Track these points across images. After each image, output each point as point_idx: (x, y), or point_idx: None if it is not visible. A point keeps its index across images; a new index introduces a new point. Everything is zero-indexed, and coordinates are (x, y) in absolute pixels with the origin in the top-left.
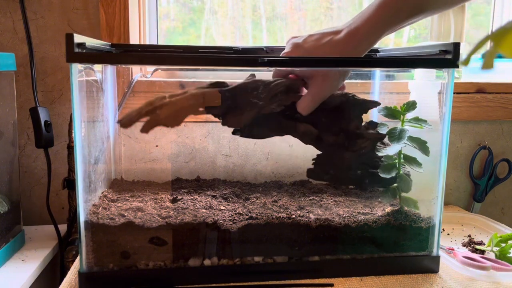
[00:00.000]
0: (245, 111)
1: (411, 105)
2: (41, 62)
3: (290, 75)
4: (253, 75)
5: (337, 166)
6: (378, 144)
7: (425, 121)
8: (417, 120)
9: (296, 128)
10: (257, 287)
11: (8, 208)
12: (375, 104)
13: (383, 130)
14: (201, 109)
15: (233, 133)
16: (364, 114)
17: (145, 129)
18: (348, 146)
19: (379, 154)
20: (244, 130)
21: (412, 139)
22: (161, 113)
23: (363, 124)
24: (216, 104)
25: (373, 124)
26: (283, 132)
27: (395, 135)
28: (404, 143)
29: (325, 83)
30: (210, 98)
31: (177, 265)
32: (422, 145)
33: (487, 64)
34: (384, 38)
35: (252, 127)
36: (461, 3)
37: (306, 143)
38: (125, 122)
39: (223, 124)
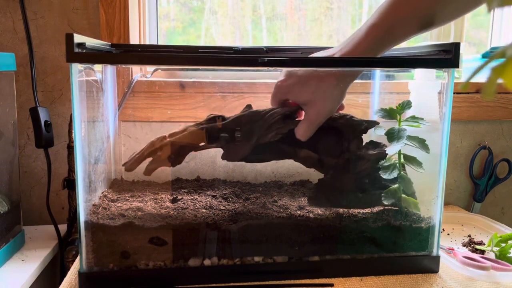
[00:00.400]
0: (244, 143)
1: (406, 104)
2: (41, 62)
3: (288, 101)
4: (249, 106)
5: (340, 189)
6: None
7: (421, 118)
8: (413, 118)
9: (296, 154)
10: (257, 287)
11: (8, 208)
12: (373, 123)
13: (379, 132)
14: (201, 144)
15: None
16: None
17: (148, 172)
18: (349, 168)
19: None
20: (246, 157)
21: (410, 138)
22: (162, 153)
23: (363, 144)
24: (216, 138)
25: (373, 144)
26: (284, 157)
27: (394, 135)
28: (403, 142)
29: (321, 108)
30: (209, 133)
31: (177, 265)
32: (421, 143)
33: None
34: None
35: (253, 155)
36: (461, 15)
37: (308, 167)
38: (129, 166)
39: (223, 158)
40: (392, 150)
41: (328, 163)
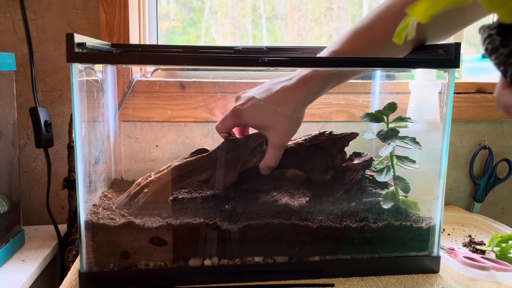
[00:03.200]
0: (229, 171)
1: (391, 106)
2: (41, 62)
3: (234, 128)
4: (230, 135)
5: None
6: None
7: (408, 118)
8: (400, 119)
9: (284, 175)
10: (257, 287)
11: (8, 208)
12: (353, 135)
13: (368, 136)
14: (188, 178)
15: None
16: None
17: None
18: (338, 181)
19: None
20: (238, 188)
21: (401, 137)
22: (148, 190)
23: (347, 156)
24: (201, 171)
25: (357, 155)
26: (273, 181)
27: (386, 136)
28: (394, 143)
29: (282, 131)
30: (194, 165)
31: (177, 265)
32: (412, 141)
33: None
34: None
35: (243, 184)
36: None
37: (296, 187)
38: (117, 208)
39: (210, 187)
40: (384, 152)
41: (316, 180)
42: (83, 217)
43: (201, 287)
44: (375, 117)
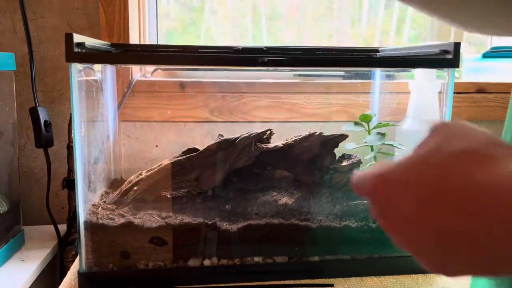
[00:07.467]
0: (218, 170)
1: (367, 117)
2: (41, 62)
3: None
4: (221, 135)
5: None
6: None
7: (387, 123)
8: (380, 125)
9: (272, 176)
10: (257, 287)
11: (8, 208)
12: (342, 137)
13: (349, 146)
14: (177, 177)
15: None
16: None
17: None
18: (324, 183)
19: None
20: (225, 188)
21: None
22: (138, 188)
23: (336, 158)
24: (190, 170)
25: (346, 157)
26: (261, 182)
27: (374, 141)
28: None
29: None
30: (183, 165)
31: (177, 265)
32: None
33: None
34: (384, 38)
35: (231, 184)
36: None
37: (285, 188)
38: (108, 203)
39: (199, 186)
40: (371, 155)
41: (303, 181)
42: (82, 217)
43: (201, 287)
44: (357, 125)
